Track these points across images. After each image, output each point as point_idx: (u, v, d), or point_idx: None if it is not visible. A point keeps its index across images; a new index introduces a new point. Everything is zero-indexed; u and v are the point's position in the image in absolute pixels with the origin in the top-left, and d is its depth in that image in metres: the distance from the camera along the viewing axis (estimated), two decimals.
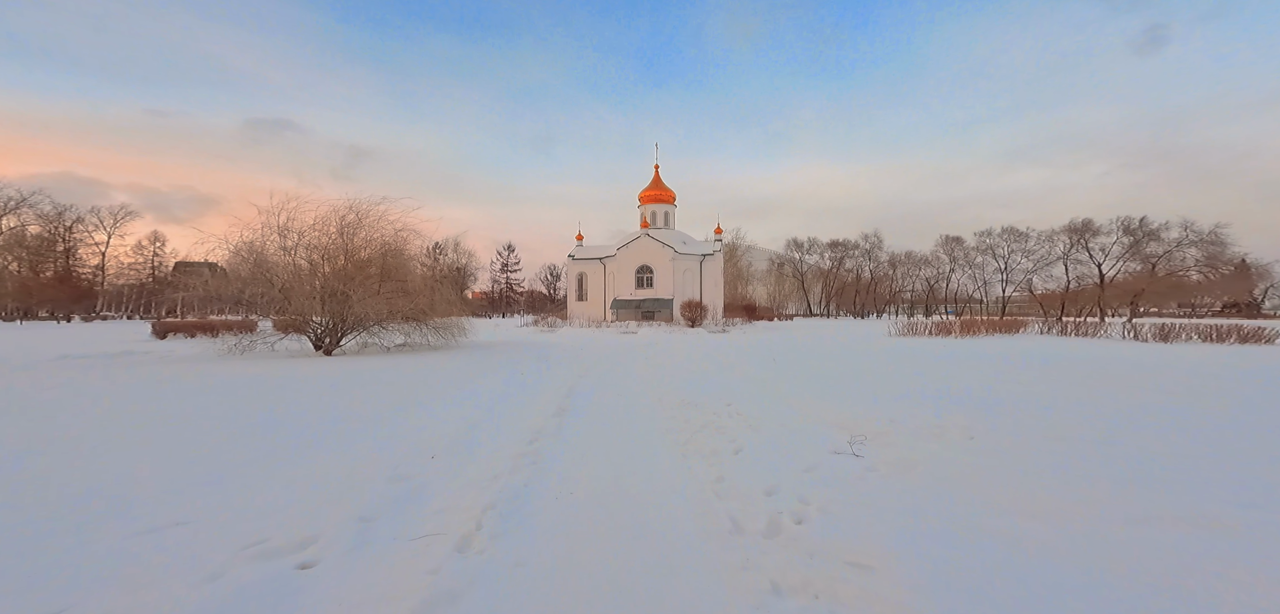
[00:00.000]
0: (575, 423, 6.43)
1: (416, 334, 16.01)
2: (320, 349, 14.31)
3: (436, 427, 6.13)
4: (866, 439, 5.09)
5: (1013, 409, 6.61)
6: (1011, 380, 9.29)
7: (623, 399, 8.13)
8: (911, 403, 7.15)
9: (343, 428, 5.99)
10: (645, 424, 6.35)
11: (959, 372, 10.68)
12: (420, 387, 9.07)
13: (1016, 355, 13.99)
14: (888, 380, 9.54)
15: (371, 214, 14.70)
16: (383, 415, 6.69)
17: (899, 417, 6.20)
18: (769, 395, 8.26)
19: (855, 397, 7.82)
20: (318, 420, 6.37)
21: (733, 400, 7.73)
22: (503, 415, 6.85)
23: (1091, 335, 21.45)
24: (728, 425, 6.17)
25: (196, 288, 15.63)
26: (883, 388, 8.63)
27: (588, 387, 9.46)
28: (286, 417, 6.55)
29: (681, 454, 5.06)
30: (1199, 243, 48.93)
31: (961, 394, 7.85)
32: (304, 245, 14.16)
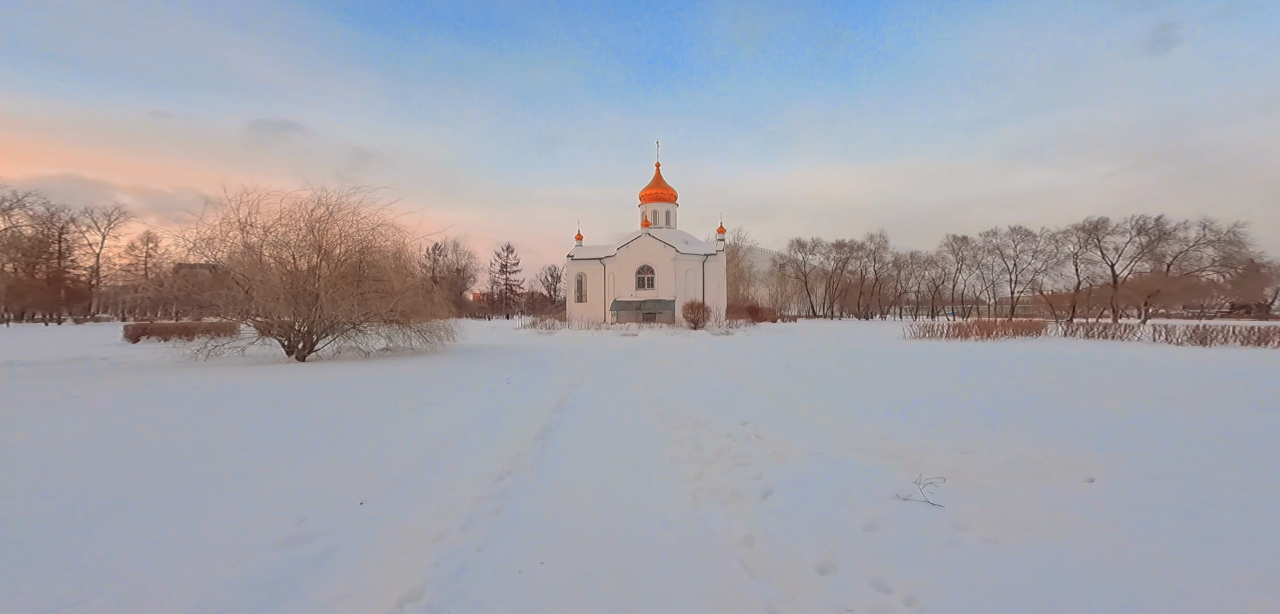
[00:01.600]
0: (560, 449, 5.24)
1: (399, 337, 14.84)
2: (293, 354, 13.15)
3: (387, 454, 4.95)
4: (940, 479, 3.89)
5: (1119, 434, 5.34)
6: (1078, 392, 8.07)
7: (620, 416, 6.94)
8: (975, 422, 5.93)
9: (267, 456, 4.81)
10: (646, 451, 5.16)
11: (1003, 380, 9.47)
12: (387, 400, 7.89)
13: (1058, 360, 12.76)
14: (927, 390, 8.34)
15: (343, 208, 13.53)
16: (325, 438, 5.51)
17: (970, 443, 4.97)
18: (791, 411, 7.07)
19: (898, 413, 6.62)
20: (242, 445, 5.19)
21: (749, 418, 6.54)
22: (474, 437, 5.67)
23: (1119, 338, 20.21)
24: (748, 453, 4.98)
25: (147, 289, 14.37)
26: (926, 401, 7.43)
27: (580, 399, 8.27)
28: (206, 439, 5.38)
29: (693, 498, 3.87)
30: (1217, 242, 47.59)
31: (1028, 411, 6.64)
32: (270, 242, 13.00)
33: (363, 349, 14.08)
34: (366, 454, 4.97)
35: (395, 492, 3.96)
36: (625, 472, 4.49)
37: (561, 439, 5.64)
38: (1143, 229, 53.76)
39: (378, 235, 13.88)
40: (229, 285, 12.26)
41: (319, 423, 6.28)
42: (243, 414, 6.73)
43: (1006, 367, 11.53)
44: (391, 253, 14.22)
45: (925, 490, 3.60)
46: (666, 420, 6.65)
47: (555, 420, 6.60)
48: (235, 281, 12.24)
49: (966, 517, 3.23)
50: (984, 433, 5.43)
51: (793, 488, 3.93)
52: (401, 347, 14.93)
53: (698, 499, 3.86)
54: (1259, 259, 53.83)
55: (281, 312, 12.08)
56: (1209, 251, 48.59)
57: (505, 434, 5.83)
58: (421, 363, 12.45)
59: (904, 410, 6.78)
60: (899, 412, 6.70)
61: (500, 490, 4.02)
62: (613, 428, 6.17)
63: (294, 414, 6.75)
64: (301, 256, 13.48)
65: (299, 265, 12.90)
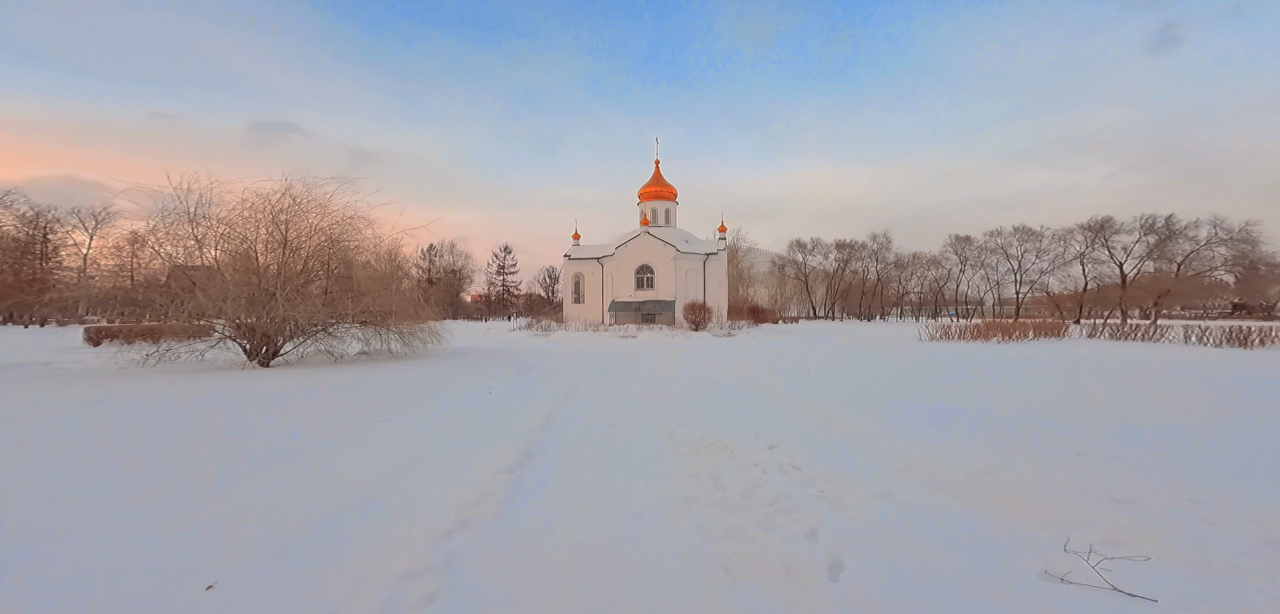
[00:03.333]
0: (539, 485, 4.00)
1: (377, 341, 13.56)
2: (255, 359, 11.88)
3: (305, 492, 3.70)
4: (1111, 544, 2.62)
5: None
6: (1179, 407, 6.85)
7: (618, 436, 5.70)
8: (1089, 450, 4.70)
9: (151, 492, 3.54)
10: (652, 488, 3.91)
11: (1070, 389, 8.25)
12: (341, 416, 6.63)
13: (1109, 366, 11.55)
14: (983, 401, 7.10)
15: (311, 201, 12.20)
16: (238, 468, 4.25)
17: (1118, 487, 3.65)
18: (826, 428, 5.83)
19: (963, 431, 5.37)
20: (129, 476, 3.92)
21: (777, 439, 5.30)
22: (431, 467, 4.42)
23: (1148, 339, 19.02)
24: (788, 493, 3.74)
25: (80, 289, 13.01)
26: (991, 415, 6.18)
27: (572, 413, 7.02)
28: (86, 468, 4.11)
29: (724, 571, 2.64)
30: (1229, 241, 46.51)
31: (1148, 436, 5.41)
32: (224, 236, 11.72)
33: (334, 354, 12.78)
34: (279, 492, 3.71)
35: (284, 559, 2.72)
36: (624, 522, 3.25)
37: (543, 470, 4.40)
38: (1151, 228, 52.72)
39: (348, 230, 12.60)
40: (172, 285, 11.00)
41: (244, 446, 5.02)
42: (156, 433, 5.47)
43: (1059, 373, 10.30)
44: (364, 248, 12.95)
45: (1097, 564, 2.35)
46: (675, 442, 5.41)
47: (538, 442, 5.35)
48: (180, 281, 10.98)
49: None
50: (1117, 469, 4.15)
51: (872, 556, 2.69)
52: (379, 350, 13.65)
53: (731, 573, 2.63)
54: (1273, 259, 52.77)
55: (230, 313, 10.82)
56: (1221, 251, 47.52)
57: (473, 462, 4.58)
58: (397, 369, 11.19)
59: (970, 428, 5.55)
60: (963, 429, 5.47)
61: (445, 557, 2.78)
62: (608, 453, 4.93)
63: (216, 433, 5.49)
64: (269, 253, 12.22)
65: (258, 261, 11.61)
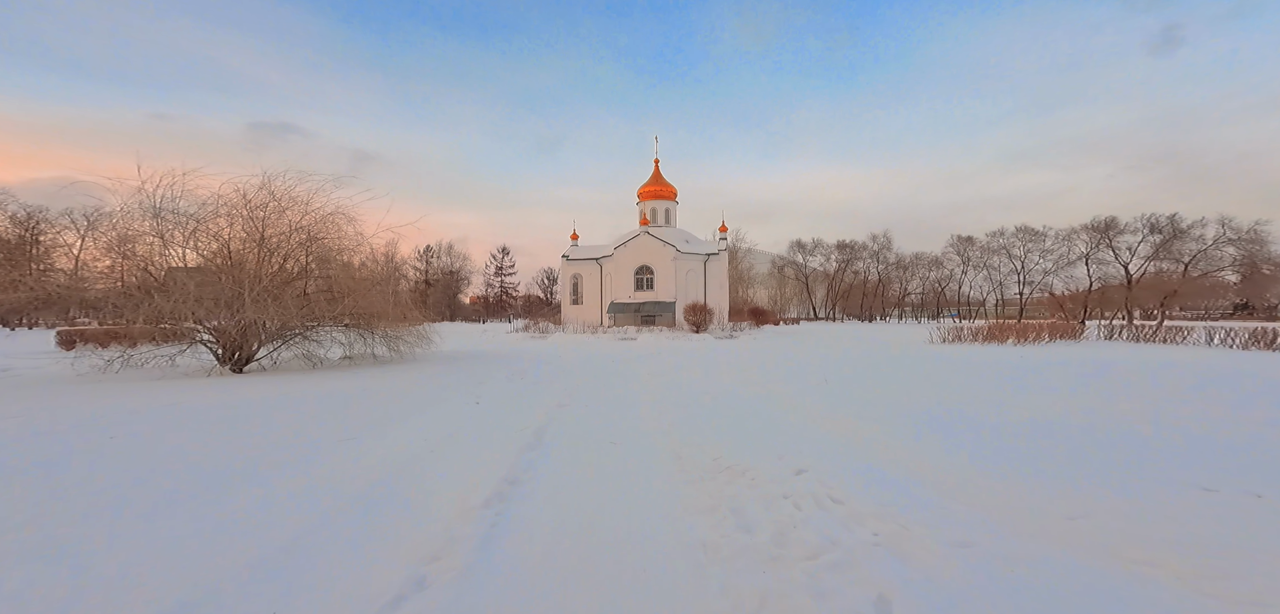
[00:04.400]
0: (524, 524, 3.22)
1: (361, 344, 12.74)
2: (226, 364, 11.08)
3: (205, 547, 2.91)
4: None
5: None
6: (1260, 417, 6.09)
7: (618, 457, 4.92)
8: (1230, 483, 3.93)
9: (50, 533, 2.76)
10: (659, 529, 3.13)
11: (1132, 401, 7.48)
12: (294, 433, 5.85)
13: (1148, 370, 10.80)
14: (1041, 414, 6.33)
15: (292, 198, 11.35)
16: (159, 502, 3.47)
17: None
18: (864, 449, 5.05)
19: (1032, 455, 4.59)
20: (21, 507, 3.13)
21: (806, 463, 4.52)
22: (389, 505, 3.63)
23: (1170, 341, 18.28)
24: (830, 532, 2.97)
25: (33, 288, 12.15)
26: (1057, 429, 5.41)
27: (566, 428, 6.24)
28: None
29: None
30: (1237, 241, 45.82)
31: (1261, 457, 4.66)
32: (194, 233, 10.93)
33: (312, 359, 11.94)
34: (162, 546, 2.93)
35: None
36: (626, 584, 2.47)
37: (527, 504, 3.62)
38: (1156, 228, 52.06)
39: (329, 226, 11.77)
40: (126, 284, 10.28)
41: (180, 470, 4.24)
42: (76, 453, 4.69)
43: (1100, 379, 9.53)
44: (346, 247, 12.13)
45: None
46: (685, 465, 4.64)
47: (525, 466, 4.57)
48: (143, 281, 10.23)
49: None
50: (1267, 512, 3.37)
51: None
52: (362, 354, 12.83)
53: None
54: (1276, 259, 52.08)
55: (194, 315, 10.06)
56: (1229, 250, 46.85)
57: (443, 494, 3.80)
58: (379, 377, 10.39)
59: (1031, 448, 4.77)
60: (1023, 449, 4.69)
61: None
62: (606, 481, 4.15)
63: (156, 453, 4.70)
64: (246, 251, 11.43)
65: (229, 260, 10.83)
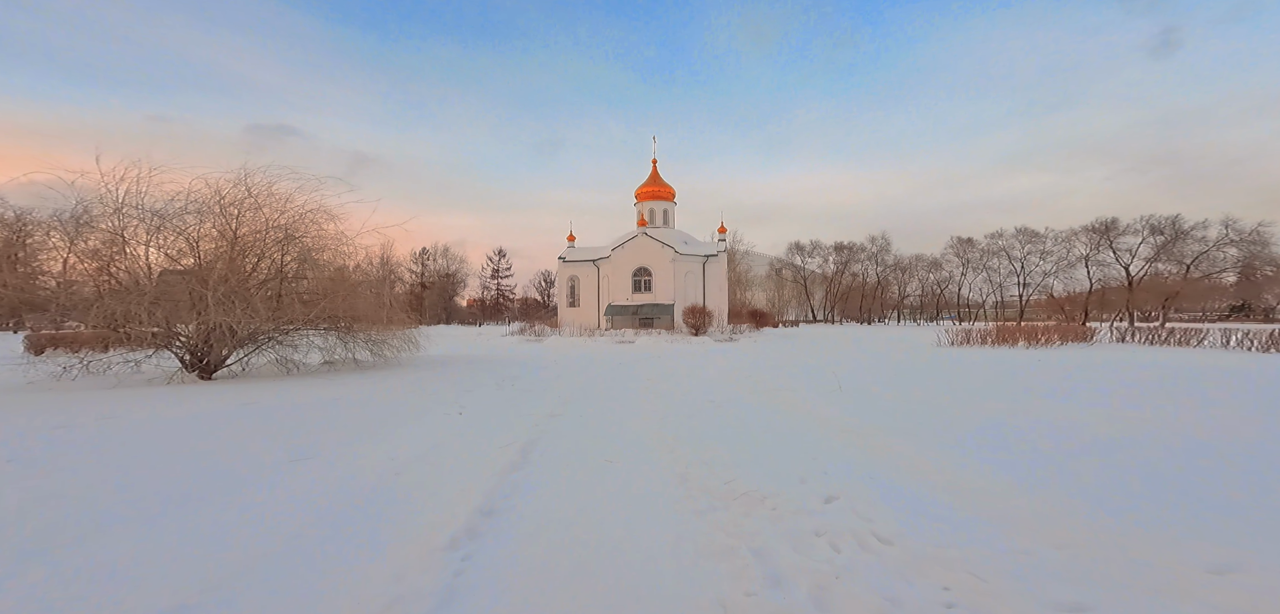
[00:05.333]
0: (497, 575, 2.49)
1: (341, 349, 11.98)
2: (194, 370, 10.34)
3: (92, 599, 2.19)
4: None
5: None
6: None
7: (615, 478, 4.20)
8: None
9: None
10: (664, 579, 2.41)
11: (1190, 411, 6.82)
12: (249, 450, 5.10)
13: (1182, 374, 10.15)
14: (1096, 430, 5.63)
15: (270, 194, 10.59)
16: (43, 543, 2.73)
17: None
18: (893, 467, 4.34)
19: (1117, 483, 3.88)
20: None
21: (830, 482, 3.82)
22: (327, 546, 2.89)
23: (1185, 344, 17.69)
24: (886, 588, 2.27)
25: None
26: (1133, 454, 4.71)
27: (557, 442, 5.52)
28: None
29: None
30: (1239, 242, 45.47)
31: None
32: (159, 230, 10.22)
33: (289, 364, 11.16)
34: (49, 596, 2.20)
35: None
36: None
37: (502, 542, 2.89)
38: (1157, 229, 51.69)
39: (307, 224, 11.01)
40: (61, 285, 9.68)
41: (59, 508, 3.50)
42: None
43: (1137, 385, 8.86)
44: (327, 246, 11.38)
45: None
46: (692, 490, 3.94)
47: (506, 492, 3.85)
48: (95, 282, 9.56)
49: None
50: None
51: None
52: (344, 360, 12.07)
53: None
54: (1276, 259, 51.78)
55: (150, 319, 9.36)
56: (1231, 252, 46.52)
57: (402, 530, 3.08)
58: (357, 384, 9.66)
59: (1112, 474, 4.06)
60: (1097, 473, 3.99)
61: None
62: (600, 511, 3.43)
63: (41, 486, 3.96)
64: (218, 250, 10.69)
65: (198, 260, 10.11)
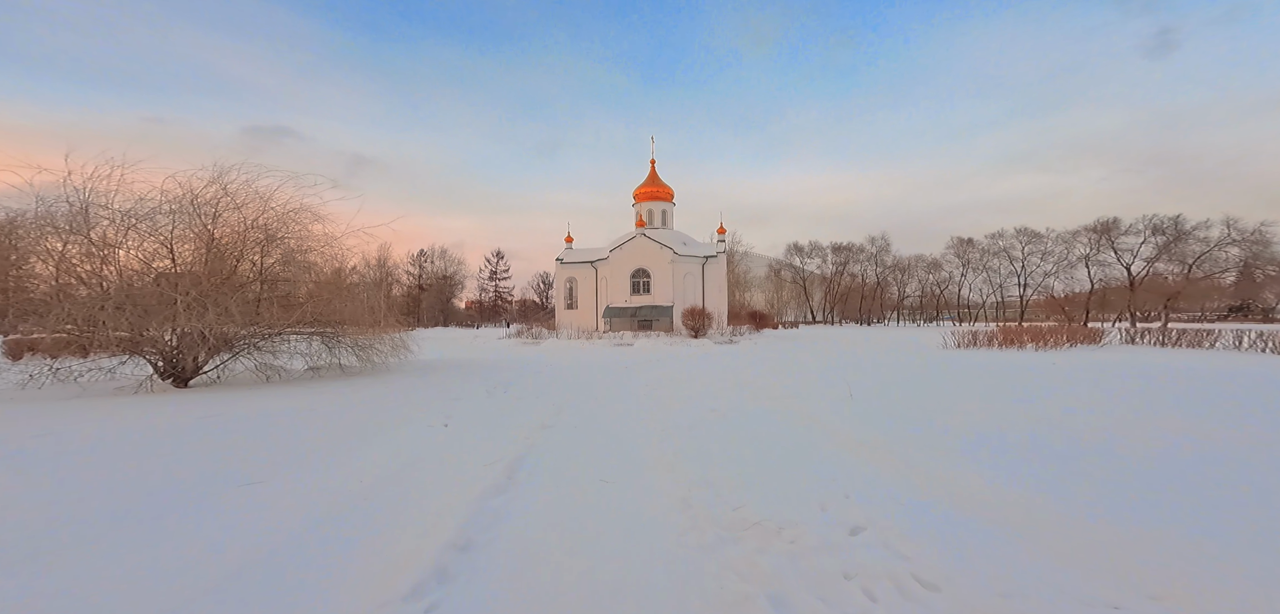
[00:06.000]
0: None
1: (327, 354, 11.45)
2: (169, 378, 9.83)
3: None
4: None
5: None
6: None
7: (611, 502, 3.70)
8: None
9: None
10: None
11: (1248, 422, 6.35)
12: (198, 469, 4.59)
13: (1216, 378, 9.69)
14: (1150, 441, 5.15)
15: (250, 192, 10.07)
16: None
17: None
18: (926, 489, 3.85)
19: (1215, 515, 3.41)
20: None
21: (855, 509, 3.33)
22: (261, 595, 2.41)
23: (1197, 345, 17.26)
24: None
25: None
26: (1195, 465, 4.23)
27: (548, 458, 5.02)
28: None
29: None
30: (1242, 242, 45.17)
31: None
32: (128, 232, 9.74)
33: (270, 370, 10.57)
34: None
35: None
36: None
37: (475, 588, 2.40)
38: (1158, 229, 51.41)
39: (289, 224, 10.48)
40: (13, 288, 9.20)
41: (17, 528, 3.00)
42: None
43: (1179, 391, 8.40)
44: (313, 247, 10.86)
45: None
46: (699, 520, 3.46)
47: (486, 519, 3.36)
48: (49, 287, 9.10)
49: None
50: None
51: None
52: (329, 366, 11.53)
53: None
54: (1276, 260, 51.51)
55: (113, 323, 8.91)
56: (1233, 252, 46.24)
57: (356, 572, 2.58)
58: (340, 391, 9.15)
59: (1209, 504, 3.59)
60: (1181, 499, 3.52)
61: None
62: (593, 545, 2.94)
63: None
64: (195, 252, 10.19)
65: (174, 262, 9.63)
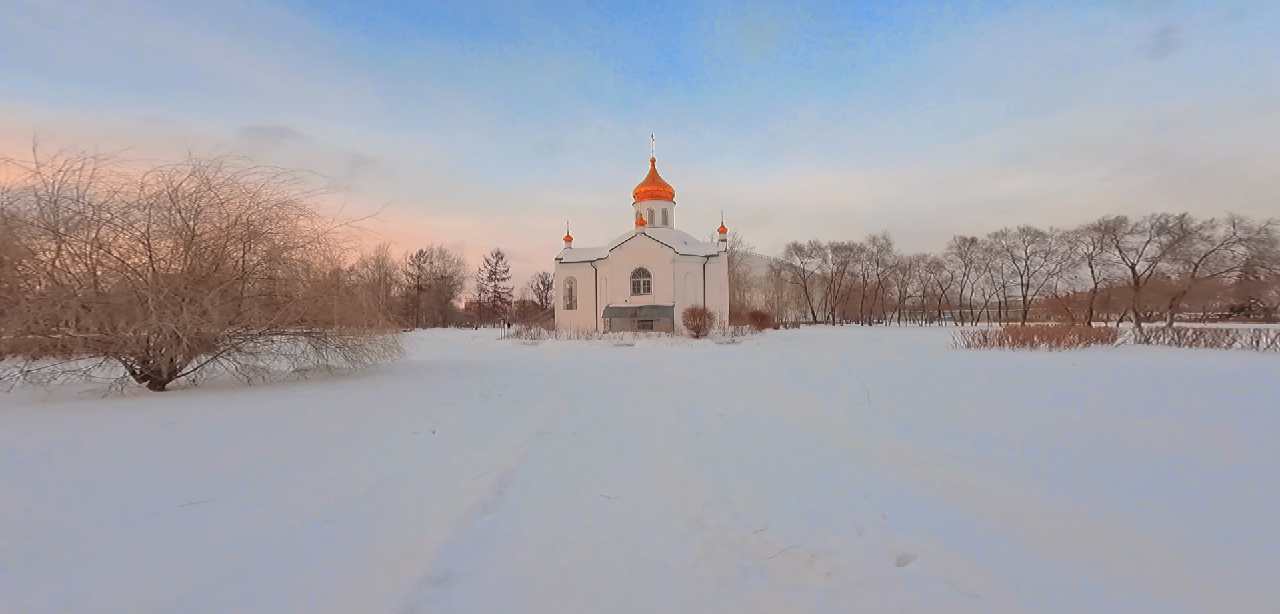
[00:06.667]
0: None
1: (314, 355, 10.94)
2: (145, 380, 9.35)
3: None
4: None
5: None
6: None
7: (612, 527, 3.19)
8: None
9: None
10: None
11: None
12: (128, 490, 4.08)
13: (1256, 382, 9.20)
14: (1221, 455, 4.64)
15: (233, 187, 9.56)
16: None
17: None
18: (978, 509, 3.33)
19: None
20: None
21: (900, 533, 2.82)
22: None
23: (1214, 345, 16.77)
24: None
25: None
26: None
27: (541, 470, 4.51)
28: None
29: None
30: (1248, 241, 44.67)
31: None
32: (101, 225, 9.28)
33: (250, 373, 10.00)
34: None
35: None
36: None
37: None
38: (1163, 228, 50.91)
39: (274, 219, 9.96)
40: None
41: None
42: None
43: (1227, 395, 7.89)
44: (300, 243, 10.35)
45: None
46: (714, 546, 2.97)
47: (469, 545, 2.85)
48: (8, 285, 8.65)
49: None
50: None
51: None
52: (316, 367, 11.00)
53: None
54: (1250, 259, 50.94)
55: (77, 323, 8.44)
56: (1239, 250, 45.73)
57: (322, 607, 2.09)
58: (323, 395, 8.63)
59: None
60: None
61: None
62: (592, 586, 2.44)
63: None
64: (174, 251, 9.72)
65: (153, 259, 9.16)
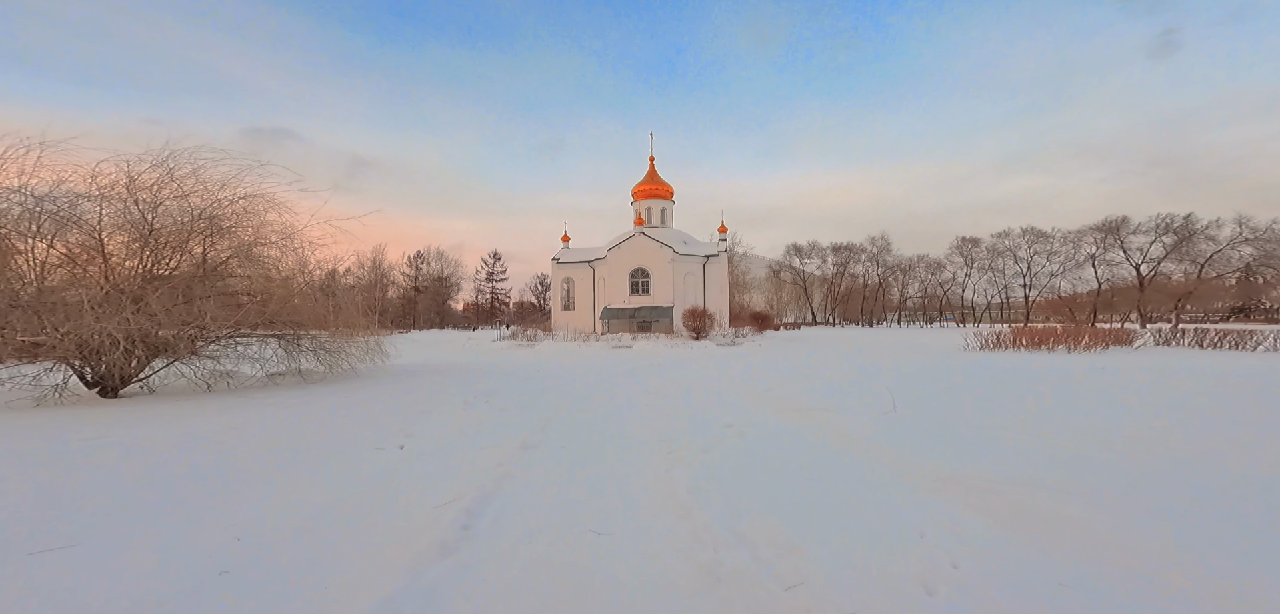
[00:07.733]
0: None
1: (288, 359, 10.15)
2: (95, 388, 8.56)
3: None
4: None
5: None
6: None
7: (603, 580, 2.40)
8: None
9: None
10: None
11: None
12: (44, 517, 3.29)
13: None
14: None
15: (200, 179, 8.75)
16: None
17: None
18: (1099, 562, 2.57)
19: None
20: None
21: (982, 601, 2.06)
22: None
23: (1240, 347, 16.06)
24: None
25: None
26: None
27: (520, 497, 3.71)
28: None
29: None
30: (1254, 241, 44.14)
31: None
32: (44, 218, 8.52)
33: (211, 378, 9.11)
34: None
35: None
36: None
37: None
38: (1168, 228, 50.36)
39: (242, 215, 9.14)
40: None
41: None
42: None
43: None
44: (271, 239, 9.56)
45: None
46: (731, 601, 2.18)
47: (417, 607, 2.09)
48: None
49: None
50: None
51: None
52: (287, 372, 10.20)
53: None
54: (1250, 261, 50.40)
55: (19, 327, 7.66)
56: (1245, 250, 45.18)
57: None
58: (286, 404, 7.83)
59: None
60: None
61: None
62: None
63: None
64: (129, 245, 8.94)
65: (105, 256, 8.40)
